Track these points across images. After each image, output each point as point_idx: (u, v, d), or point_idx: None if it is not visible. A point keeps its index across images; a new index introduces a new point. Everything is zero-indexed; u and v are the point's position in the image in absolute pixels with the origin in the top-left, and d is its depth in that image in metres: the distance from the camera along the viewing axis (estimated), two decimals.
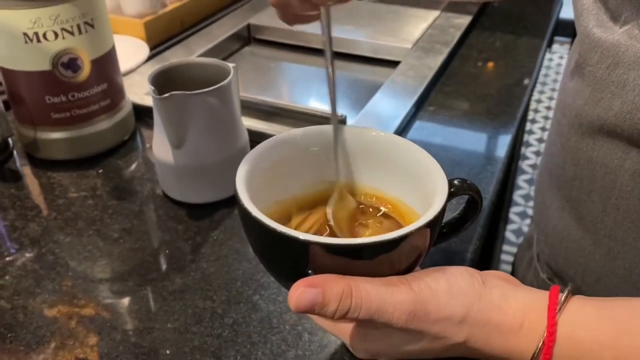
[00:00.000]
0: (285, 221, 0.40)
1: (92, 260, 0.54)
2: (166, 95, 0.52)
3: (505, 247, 1.84)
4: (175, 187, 0.60)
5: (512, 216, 1.99)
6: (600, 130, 0.45)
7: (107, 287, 0.51)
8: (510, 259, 1.80)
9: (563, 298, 0.33)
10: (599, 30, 0.44)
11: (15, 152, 0.69)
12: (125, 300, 0.50)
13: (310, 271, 0.31)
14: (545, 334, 0.32)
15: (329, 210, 0.39)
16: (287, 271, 0.34)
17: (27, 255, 0.55)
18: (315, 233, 0.39)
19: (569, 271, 0.54)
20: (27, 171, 0.67)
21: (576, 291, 0.35)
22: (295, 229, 0.38)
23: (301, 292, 0.31)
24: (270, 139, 0.39)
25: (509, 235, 1.91)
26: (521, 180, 2.16)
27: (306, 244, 0.30)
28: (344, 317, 0.31)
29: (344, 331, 0.36)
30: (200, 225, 0.58)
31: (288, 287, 0.33)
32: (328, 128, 0.40)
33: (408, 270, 0.34)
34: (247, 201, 0.33)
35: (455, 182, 0.36)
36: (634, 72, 0.41)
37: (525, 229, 1.94)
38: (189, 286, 0.51)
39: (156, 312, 0.49)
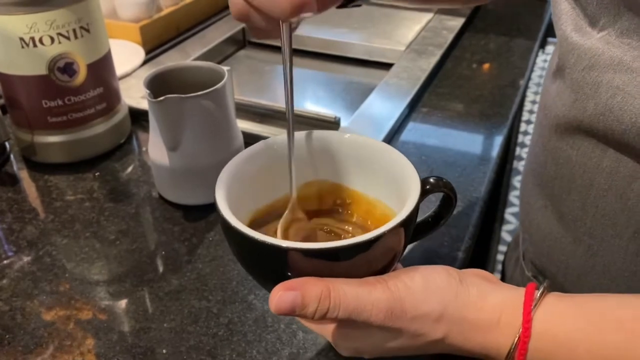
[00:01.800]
0: (266, 228, 0.41)
1: (89, 262, 0.55)
2: (161, 98, 0.53)
3: (501, 248, 1.84)
4: (171, 189, 0.61)
5: (507, 217, 2.00)
6: (578, 131, 0.46)
7: (104, 289, 0.52)
8: None
9: (538, 295, 0.34)
10: (577, 35, 0.45)
11: (12, 155, 0.70)
12: (122, 301, 0.51)
13: (290, 274, 0.33)
14: (520, 330, 0.33)
15: (279, 228, 0.40)
16: (268, 276, 0.35)
17: (25, 257, 0.55)
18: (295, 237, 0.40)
19: (551, 269, 0.55)
20: (24, 175, 0.67)
21: (554, 288, 0.36)
22: (275, 235, 0.39)
23: (281, 295, 0.32)
24: (249, 147, 0.40)
25: (505, 235, 1.91)
26: (517, 181, 2.17)
27: (284, 250, 0.31)
28: (323, 317, 0.33)
29: (327, 330, 0.38)
30: (196, 227, 0.58)
31: (270, 290, 0.34)
32: (306, 135, 0.41)
33: (385, 269, 0.35)
34: (225, 210, 0.34)
35: (431, 180, 0.37)
36: (607, 74, 0.42)
37: None
38: (185, 286, 0.52)
39: (152, 313, 0.49)
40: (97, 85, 0.66)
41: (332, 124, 0.69)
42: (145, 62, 0.88)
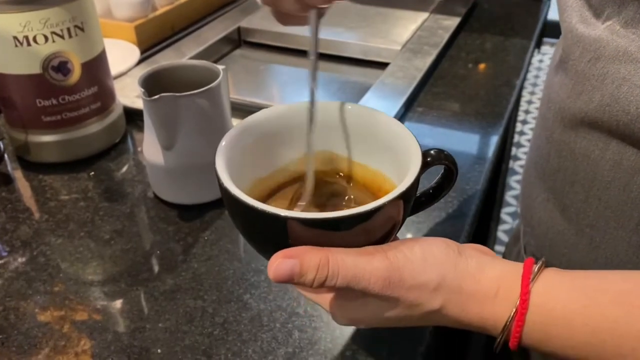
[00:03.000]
0: (268, 197, 0.41)
1: (84, 262, 0.54)
2: (156, 97, 0.53)
3: (497, 248, 1.85)
4: (166, 188, 0.60)
5: (503, 216, 2.00)
6: (582, 123, 0.47)
7: (98, 289, 0.52)
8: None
9: (537, 268, 0.34)
10: (582, 26, 0.45)
11: (6, 155, 0.70)
12: (117, 301, 0.50)
13: (289, 243, 0.33)
14: (518, 302, 0.33)
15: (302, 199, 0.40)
16: (268, 245, 0.35)
17: (19, 257, 0.55)
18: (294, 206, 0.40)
19: (553, 262, 0.55)
20: (18, 174, 0.67)
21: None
22: (276, 204, 0.39)
23: (279, 262, 0.32)
24: (250, 116, 0.40)
25: (501, 235, 1.92)
26: (512, 180, 2.18)
27: (284, 219, 0.31)
28: (322, 286, 0.33)
29: (324, 300, 0.38)
30: (191, 226, 0.58)
31: (270, 255, 0.35)
32: (300, 105, 0.41)
33: (384, 239, 0.35)
34: (226, 180, 0.34)
35: (432, 152, 0.37)
36: (613, 65, 0.42)
37: None
38: (180, 286, 0.51)
39: (147, 312, 0.49)
40: (92, 85, 0.65)
41: None
42: (140, 62, 0.87)
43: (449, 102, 0.81)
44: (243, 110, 0.73)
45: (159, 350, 0.46)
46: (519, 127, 2.49)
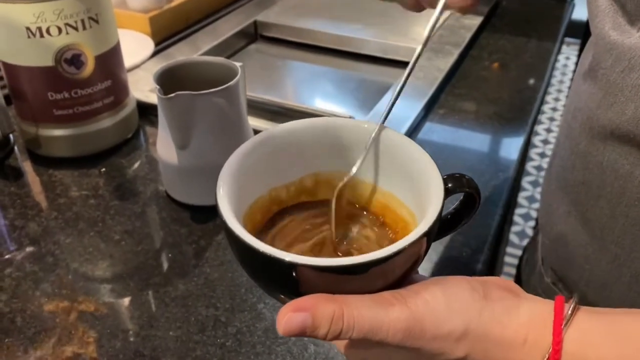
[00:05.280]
0: (276, 210, 0.39)
1: (93, 262, 0.53)
2: (172, 95, 0.51)
3: (509, 250, 1.82)
4: (179, 188, 0.58)
5: (515, 218, 1.97)
6: (612, 135, 0.44)
7: (107, 292, 0.50)
8: (513, 261, 1.79)
9: (570, 311, 0.32)
10: (615, 33, 0.42)
11: (16, 148, 0.68)
12: (126, 306, 0.49)
13: (298, 288, 0.30)
14: (550, 351, 0.31)
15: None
16: (275, 288, 0.32)
17: (27, 256, 0.53)
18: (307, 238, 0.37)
19: (573, 276, 0.53)
20: (28, 168, 0.65)
21: (582, 301, 0.33)
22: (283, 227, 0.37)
23: (290, 317, 0.29)
24: (250, 140, 0.37)
25: (513, 237, 1.89)
26: (525, 182, 2.15)
27: (293, 265, 0.28)
28: (336, 339, 0.30)
29: (339, 342, 0.35)
30: (204, 229, 0.56)
31: (277, 298, 0.32)
32: (319, 121, 0.38)
33: (403, 279, 0.32)
34: (228, 215, 0.30)
35: (452, 178, 0.34)
36: None
37: (529, 231, 1.92)
38: (192, 292, 0.50)
39: (158, 319, 0.47)
40: (105, 78, 0.64)
41: None
42: (154, 54, 0.85)
43: (471, 104, 0.78)
44: (257, 108, 0.71)
45: None
46: (543, 135, 2.45)
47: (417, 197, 0.34)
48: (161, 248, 0.54)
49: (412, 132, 0.71)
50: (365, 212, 0.39)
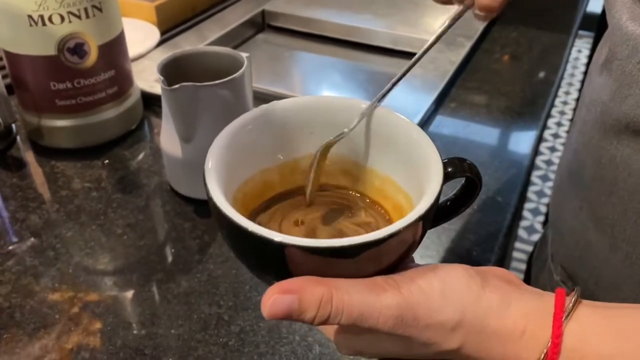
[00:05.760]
0: (267, 191, 0.37)
1: (94, 257, 0.52)
2: (176, 86, 0.50)
3: (517, 245, 1.81)
4: (183, 181, 0.57)
5: (524, 213, 1.95)
6: (627, 129, 0.43)
7: (109, 288, 0.49)
8: (522, 256, 1.77)
9: (571, 305, 0.30)
10: (633, 24, 0.41)
11: (19, 138, 0.67)
12: (128, 303, 0.47)
13: (286, 270, 0.28)
14: (549, 344, 0.29)
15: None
16: (263, 269, 0.31)
17: (27, 250, 0.52)
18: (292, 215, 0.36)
19: (583, 274, 0.52)
20: (30, 159, 0.64)
21: (584, 296, 0.31)
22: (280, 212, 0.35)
23: (275, 298, 0.28)
24: (244, 115, 0.35)
25: (521, 232, 1.87)
26: (535, 176, 2.12)
27: (281, 246, 0.27)
28: (324, 324, 0.29)
29: (327, 329, 0.34)
30: (208, 223, 0.55)
31: (266, 281, 0.31)
32: (315, 99, 0.37)
33: (397, 264, 0.30)
34: (216, 192, 0.29)
35: (453, 162, 0.32)
36: None
37: (538, 226, 1.90)
38: (195, 289, 0.49)
39: (159, 316, 0.46)
40: (109, 68, 0.62)
41: None
42: (160, 44, 0.84)
43: (483, 98, 0.76)
44: (263, 99, 0.69)
45: None
46: (553, 129, 2.42)
47: (416, 180, 0.33)
48: (164, 243, 0.53)
49: (422, 126, 0.69)
50: (360, 195, 0.37)
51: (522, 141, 0.69)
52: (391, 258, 0.30)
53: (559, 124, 2.44)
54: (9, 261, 0.51)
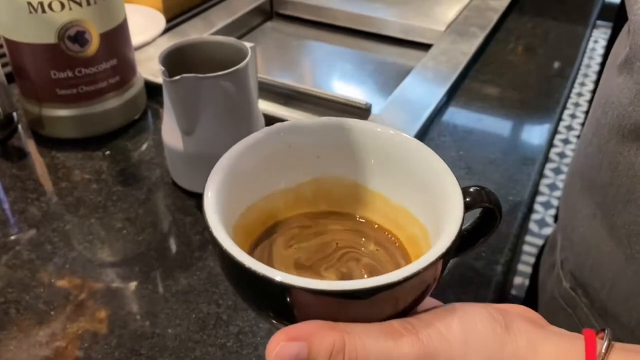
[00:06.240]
0: (270, 219, 0.34)
1: (92, 252, 0.50)
2: (177, 77, 0.48)
3: (528, 238, 1.78)
4: (184, 175, 0.56)
5: (536, 206, 1.93)
6: None
7: (106, 284, 0.48)
8: (532, 250, 1.75)
9: (604, 350, 0.28)
10: None
11: (20, 127, 0.66)
12: (125, 300, 0.46)
13: (294, 314, 0.26)
14: None
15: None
16: (265, 309, 0.28)
17: (25, 243, 0.51)
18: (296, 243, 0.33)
19: (595, 284, 0.50)
20: (31, 149, 0.63)
21: (595, 306, 0.29)
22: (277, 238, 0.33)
23: (282, 346, 0.25)
24: (248, 137, 0.32)
25: (532, 226, 1.85)
26: (547, 169, 2.09)
27: (287, 287, 0.24)
28: None
29: None
30: None
31: (269, 322, 0.28)
32: (323, 121, 0.34)
33: (414, 305, 0.28)
34: (216, 227, 0.26)
35: (471, 190, 0.30)
36: None
37: (549, 219, 1.88)
38: (194, 287, 0.47)
39: (157, 315, 0.45)
40: (111, 57, 0.61)
41: (363, 111, 0.63)
42: (165, 31, 0.82)
43: (496, 91, 0.74)
44: (269, 91, 0.68)
45: None
46: (567, 121, 2.38)
47: (432, 211, 0.30)
48: (164, 238, 0.52)
49: (433, 119, 0.67)
50: (373, 226, 0.34)
51: (535, 137, 0.67)
52: (408, 300, 0.27)
53: (572, 116, 2.40)
54: (5, 255, 0.50)
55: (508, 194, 0.57)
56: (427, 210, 0.31)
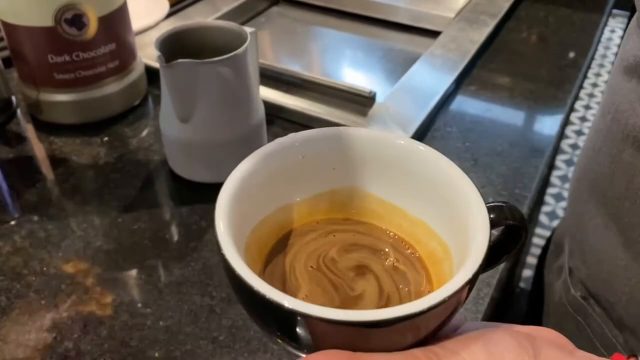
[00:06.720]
0: (285, 231, 0.32)
1: (86, 241, 0.49)
2: (172, 63, 0.47)
3: (538, 231, 1.76)
4: (181, 163, 0.55)
5: (546, 198, 1.90)
6: None
7: (99, 274, 0.47)
8: (542, 242, 1.73)
9: None
10: None
11: (19, 112, 0.65)
12: (117, 291, 0.45)
13: (310, 342, 0.24)
14: None
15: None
16: (280, 335, 0.26)
17: (18, 231, 0.50)
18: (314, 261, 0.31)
19: (609, 297, 0.47)
20: (29, 134, 0.62)
21: (613, 317, 0.27)
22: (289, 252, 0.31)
23: None
24: (257, 152, 0.30)
25: (543, 218, 1.82)
26: (559, 160, 2.06)
27: (303, 316, 0.23)
28: None
29: None
30: (206, 208, 0.52)
31: (279, 344, 0.26)
32: (333, 131, 0.32)
33: (437, 332, 0.26)
34: (230, 251, 0.25)
35: (494, 206, 0.28)
36: None
37: (560, 212, 1.85)
38: (188, 278, 0.46)
39: (149, 306, 0.44)
40: (109, 41, 0.59)
41: (366, 99, 0.62)
42: (169, 15, 0.81)
43: (505, 81, 0.72)
44: (271, 78, 0.66)
45: (156, 354, 0.41)
46: (581, 112, 2.34)
47: (453, 226, 0.29)
48: (159, 227, 0.51)
49: (439, 109, 0.65)
50: (391, 239, 0.33)
51: (545, 128, 0.65)
52: (431, 327, 0.26)
53: (587, 107, 2.36)
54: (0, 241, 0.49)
55: (514, 186, 0.55)
56: (448, 226, 0.29)
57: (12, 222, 0.51)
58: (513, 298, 1.15)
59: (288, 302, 0.22)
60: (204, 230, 0.50)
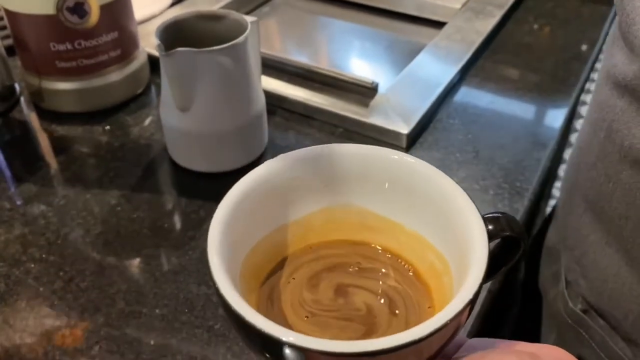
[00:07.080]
0: (282, 252, 0.32)
1: (85, 228, 0.50)
2: (171, 51, 0.46)
3: None
4: (180, 152, 0.55)
5: (554, 191, 1.88)
6: None
7: (96, 262, 0.47)
8: None
9: None
10: None
11: (22, 100, 0.65)
12: (114, 278, 0.46)
13: None
14: None
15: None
16: None
17: (17, 217, 0.51)
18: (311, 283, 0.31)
19: (615, 314, 0.46)
20: (32, 122, 0.62)
21: (619, 332, 0.26)
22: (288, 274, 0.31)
23: None
24: (244, 178, 0.30)
25: (549, 211, 1.81)
26: (568, 154, 2.04)
27: (301, 350, 0.22)
28: None
29: None
30: (206, 198, 0.52)
31: None
32: (322, 149, 0.32)
33: (440, 351, 0.26)
34: (224, 284, 0.25)
35: (491, 217, 0.27)
36: None
37: None
38: (185, 267, 0.46)
39: (146, 295, 0.44)
40: (112, 29, 0.59)
41: (368, 90, 0.61)
42: (174, 3, 0.81)
43: (511, 72, 0.71)
44: (273, 68, 0.66)
45: (151, 342, 0.41)
46: (585, 99, 2.31)
47: (450, 239, 0.28)
48: (158, 216, 0.51)
49: (443, 100, 0.65)
50: (386, 256, 0.32)
51: (549, 121, 0.64)
52: (433, 350, 0.26)
53: None
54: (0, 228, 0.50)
55: (515, 179, 0.54)
56: (445, 238, 0.29)
57: (13, 209, 0.51)
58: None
59: (286, 336, 0.22)
60: (203, 220, 0.50)
